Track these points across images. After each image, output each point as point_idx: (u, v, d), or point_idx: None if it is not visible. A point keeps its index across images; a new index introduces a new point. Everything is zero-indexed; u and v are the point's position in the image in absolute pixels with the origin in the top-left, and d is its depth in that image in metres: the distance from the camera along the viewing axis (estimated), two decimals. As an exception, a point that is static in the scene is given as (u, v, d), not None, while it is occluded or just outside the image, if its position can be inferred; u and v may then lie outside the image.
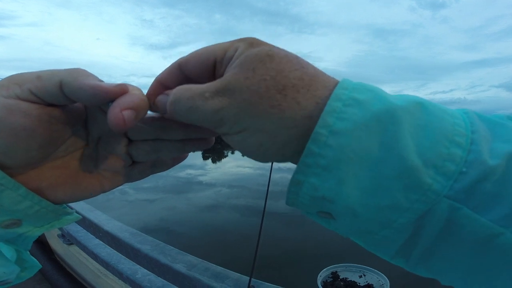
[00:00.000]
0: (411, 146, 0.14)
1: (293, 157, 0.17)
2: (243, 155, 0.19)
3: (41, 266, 0.25)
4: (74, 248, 1.46)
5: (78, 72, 0.17)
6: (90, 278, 1.22)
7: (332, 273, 0.91)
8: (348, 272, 0.92)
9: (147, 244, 1.08)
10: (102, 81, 0.17)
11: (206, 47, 0.18)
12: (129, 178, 0.23)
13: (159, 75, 0.20)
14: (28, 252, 0.24)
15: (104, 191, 0.22)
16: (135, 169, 0.22)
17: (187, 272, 0.87)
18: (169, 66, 0.19)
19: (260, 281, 0.84)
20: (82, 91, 0.17)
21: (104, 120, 0.20)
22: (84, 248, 1.37)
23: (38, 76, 0.17)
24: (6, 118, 0.16)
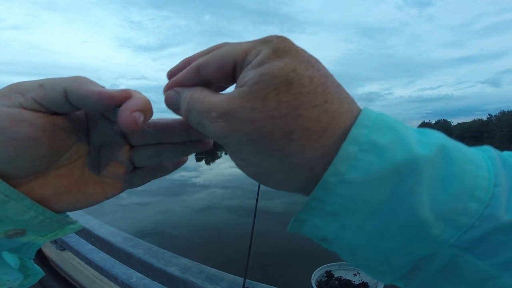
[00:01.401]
0: (426, 200, 0.14)
1: (293, 191, 0.17)
2: None
3: (44, 274, 0.25)
4: (68, 254, 1.43)
5: (81, 80, 0.17)
6: (86, 283, 1.20)
7: (326, 272, 0.92)
8: (342, 271, 0.92)
9: (139, 248, 1.07)
10: (104, 87, 0.17)
11: (227, 48, 0.17)
12: (131, 184, 0.23)
13: (176, 77, 0.19)
14: (32, 260, 0.23)
15: (107, 198, 0.22)
16: (137, 175, 0.23)
17: (181, 275, 0.87)
18: (186, 69, 0.18)
19: (255, 282, 0.84)
20: (87, 98, 0.17)
21: (105, 127, 0.21)
22: (77, 253, 1.34)
23: (41, 84, 0.17)
24: (10, 127, 0.16)
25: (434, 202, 0.14)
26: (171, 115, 0.20)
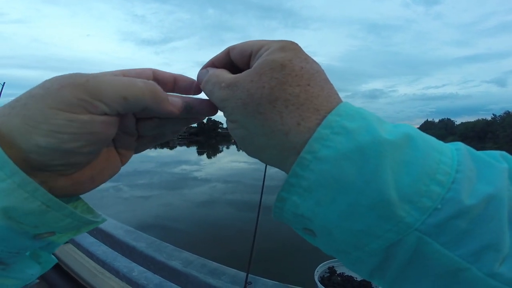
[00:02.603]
0: (390, 180, 0.15)
1: (270, 162, 0.19)
2: (238, 150, 0.20)
3: (56, 261, 0.25)
4: (69, 247, 1.44)
5: (159, 96, 0.20)
6: (87, 276, 1.21)
7: (329, 268, 0.92)
8: (344, 267, 0.93)
9: (142, 242, 1.07)
10: (167, 97, 0.21)
11: (250, 41, 0.21)
12: (136, 150, 0.25)
13: (213, 57, 0.23)
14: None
15: (121, 167, 0.24)
16: (140, 143, 0.25)
17: (183, 269, 0.87)
18: (223, 50, 0.23)
19: (258, 277, 0.84)
20: (158, 114, 0.21)
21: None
22: (79, 246, 1.35)
23: (125, 97, 0.18)
24: (103, 131, 0.19)
25: (398, 183, 0.15)
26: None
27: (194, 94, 0.25)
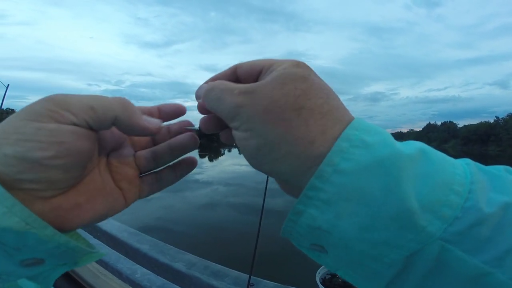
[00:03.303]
0: (411, 191, 0.15)
1: (287, 174, 0.18)
2: (239, 153, 0.20)
3: None
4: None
5: (127, 106, 0.20)
6: (89, 278, 1.21)
7: (330, 269, 0.92)
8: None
9: (145, 244, 1.08)
10: (142, 114, 0.21)
11: (260, 59, 0.21)
12: (142, 191, 0.24)
13: (218, 74, 0.23)
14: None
15: (127, 204, 0.23)
16: (144, 182, 0.24)
17: (186, 271, 0.88)
18: (228, 68, 0.23)
19: (260, 279, 0.84)
20: (133, 129, 0.20)
21: (114, 132, 0.23)
22: (81, 248, 1.35)
23: (92, 107, 0.18)
24: (75, 143, 0.18)
25: (418, 194, 0.15)
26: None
27: (182, 115, 0.25)
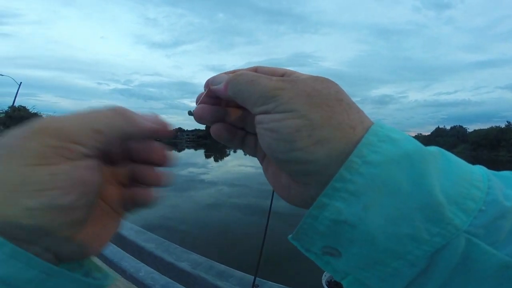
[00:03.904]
0: (436, 183, 0.16)
1: (315, 164, 0.17)
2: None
3: None
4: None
5: (130, 117, 0.19)
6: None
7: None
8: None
9: (151, 242, 1.08)
10: (140, 116, 0.20)
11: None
12: (124, 206, 0.22)
13: (236, 70, 0.23)
14: None
15: (119, 225, 0.22)
16: (124, 196, 0.22)
17: (191, 271, 0.88)
18: (247, 68, 0.23)
19: (265, 280, 0.83)
20: (141, 136, 0.19)
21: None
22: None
23: (98, 130, 0.17)
24: (91, 179, 0.17)
25: (442, 186, 0.16)
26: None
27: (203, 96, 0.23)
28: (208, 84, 0.23)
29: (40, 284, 0.16)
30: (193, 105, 0.24)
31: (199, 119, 0.23)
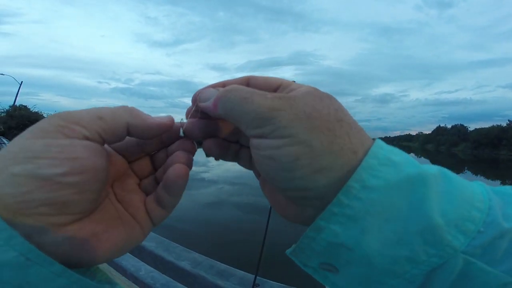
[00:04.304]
0: (437, 207, 0.15)
1: (315, 191, 0.16)
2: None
3: None
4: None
5: (137, 112, 0.19)
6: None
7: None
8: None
9: (151, 241, 1.08)
10: (147, 115, 0.20)
11: (276, 77, 0.21)
12: (153, 218, 0.22)
13: (226, 80, 0.22)
14: None
15: (145, 234, 0.22)
16: (149, 207, 0.22)
17: (192, 270, 0.87)
18: (238, 78, 0.22)
19: (265, 279, 0.83)
20: (150, 130, 0.20)
21: (115, 162, 0.21)
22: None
23: (100, 117, 0.17)
24: (89, 157, 0.16)
25: (443, 210, 0.16)
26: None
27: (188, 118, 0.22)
28: (196, 99, 0.21)
29: (18, 272, 0.14)
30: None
31: (192, 136, 0.22)
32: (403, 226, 0.15)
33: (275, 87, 0.20)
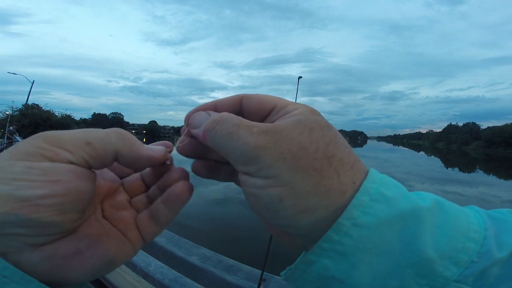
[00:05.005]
0: (429, 241, 0.16)
1: (301, 230, 0.17)
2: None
3: None
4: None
5: (127, 138, 0.18)
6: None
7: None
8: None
9: (162, 237, 1.10)
10: (142, 143, 0.19)
11: (270, 96, 0.20)
12: (144, 234, 0.21)
13: (217, 100, 0.21)
14: None
15: (135, 250, 0.21)
16: (141, 223, 0.21)
17: (200, 265, 0.89)
18: (230, 96, 0.21)
19: (272, 275, 0.84)
20: (138, 162, 0.19)
21: (107, 178, 0.21)
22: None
23: (88, 142, 0.17)
24: (73, 181, 0.16)
25: (436, 243, 0.16)
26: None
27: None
28: (187, 121, 0.21)
29: None
30: (202, 102, 0.24)
31: (184, 155, 0.22)
32: (394, 260, 0.16)
33: (269, 109, 0.19)
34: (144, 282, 1.09)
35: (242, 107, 0.20)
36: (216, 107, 0.21)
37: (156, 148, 0.20)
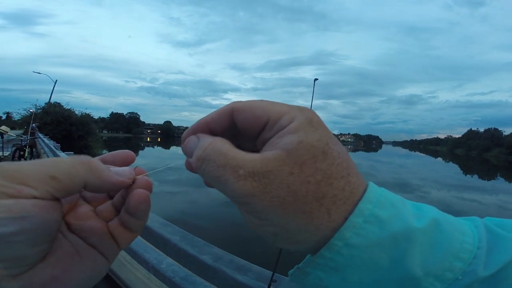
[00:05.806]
0: (417, 260, 0.17)
1: (298, 250, 0.19)
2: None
3: None
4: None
5: (95, 169, 0.18)
6: (114, 265, 1.26)
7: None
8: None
9: (176, 235, 1.12)
10: (109, 168, 0.19)
11: (263, 104, 0.18)
12: (119, 242, 0.21)
13: (207, 116, 0.20)
14: None
15: (109, 262, 0.21)
16: (114, 232, 0.21)
17: (212, 264, 0.91)
18: (220, 110, 0.19)
19: (282, 276, 0.84)
20: (108, 189, 0.19)
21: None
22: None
23: (53, 176, 0.16)
24: (41, 215, 0.16)
25: (424, 262, 0.17)
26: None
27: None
28: (183, 142, 0.21)
29: None
30: (215, 103, 0.23)
31: (189, 170, 0.22)
32: (382, 276, 0.17)
33: (263, 123, 0.18)
34: (154, 279, 1.11)
35: (235, 120, 0.19)
36: (208, 125, 0.20)
37: (123, 172, 0.20)
